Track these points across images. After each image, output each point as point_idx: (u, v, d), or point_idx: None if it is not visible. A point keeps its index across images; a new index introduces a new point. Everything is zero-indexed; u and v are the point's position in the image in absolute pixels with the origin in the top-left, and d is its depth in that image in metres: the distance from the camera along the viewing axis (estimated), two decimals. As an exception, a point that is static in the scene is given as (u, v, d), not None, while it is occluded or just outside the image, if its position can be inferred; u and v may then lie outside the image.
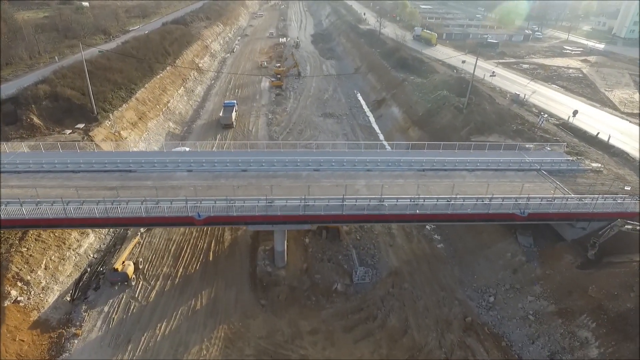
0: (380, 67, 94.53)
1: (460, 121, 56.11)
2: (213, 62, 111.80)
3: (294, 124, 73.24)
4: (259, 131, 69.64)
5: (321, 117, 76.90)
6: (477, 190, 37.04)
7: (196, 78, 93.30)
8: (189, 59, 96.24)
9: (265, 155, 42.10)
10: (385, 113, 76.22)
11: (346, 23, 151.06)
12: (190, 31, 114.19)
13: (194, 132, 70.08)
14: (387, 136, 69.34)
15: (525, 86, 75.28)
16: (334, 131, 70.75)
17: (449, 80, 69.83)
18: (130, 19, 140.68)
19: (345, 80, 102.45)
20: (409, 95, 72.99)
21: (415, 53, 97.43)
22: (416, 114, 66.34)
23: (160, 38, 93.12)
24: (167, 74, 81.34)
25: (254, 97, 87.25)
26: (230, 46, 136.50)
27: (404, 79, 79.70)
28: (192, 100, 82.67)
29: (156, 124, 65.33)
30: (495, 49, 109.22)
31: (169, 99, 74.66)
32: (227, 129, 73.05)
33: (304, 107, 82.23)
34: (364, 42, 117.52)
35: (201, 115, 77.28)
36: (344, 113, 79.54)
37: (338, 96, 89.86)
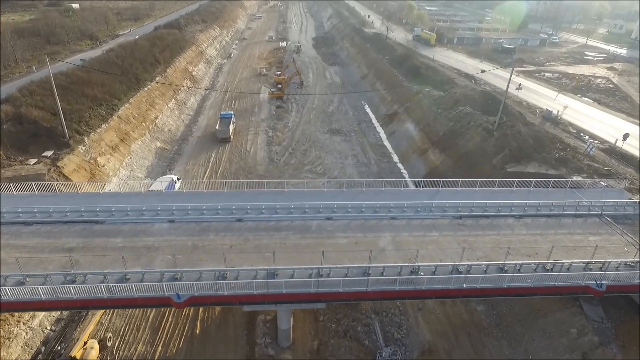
0: (390, 75, 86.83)
1: (491, 146, 48.38)
2: (208, 69, 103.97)
3: (297, 142, 65.47)
4: (257, 152, 61.81)
5: (327, 134, 69.15)
6: (531, 247, 29.60)
7: (189, 88, 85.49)
8: (181, 67, 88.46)
9: (265, 199, 34.30)
10: (399, 130, 68.48)
11: (350, 26, 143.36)
12: (184, 36, 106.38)
13: (185, 152, 62.27)
14: (403, 157, 61.61)
15: (554, 99, 67.64)
16: (342, 151, 62.98)
17: (472, 94, 62.12)
18: (121, 22, 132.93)
19: (352, 89, 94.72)
20: (425, 111, 65.27)
21: (427, 60, 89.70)
22: (436, 133, 58.62)
23: (150, 45, 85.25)
24: (157, 85, 73.53)
25: (253, 110, 79.48)
26: (227, 51, 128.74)
27: (419, 91, 71.97)
28: (184, 115, 74.85)
29: (141, 146, 57.50)
30: (512, 55, 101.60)
31: (157, 114, 66.85)
32: (224, 143, 65.72)
33: (307, 121, 74.49)
34: (370, 47, 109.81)
35: (194, 132, 69.48)
36: (352, 129, 71.80)
37: (344, 108, 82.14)
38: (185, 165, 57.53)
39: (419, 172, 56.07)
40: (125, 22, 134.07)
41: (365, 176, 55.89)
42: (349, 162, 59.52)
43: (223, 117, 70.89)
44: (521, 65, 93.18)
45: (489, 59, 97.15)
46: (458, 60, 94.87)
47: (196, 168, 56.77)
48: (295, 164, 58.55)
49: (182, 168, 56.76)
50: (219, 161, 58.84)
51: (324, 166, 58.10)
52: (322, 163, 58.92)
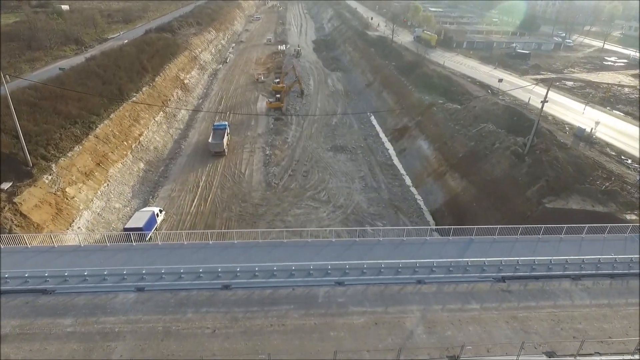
0: (398, 84, 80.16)
1: (523, 173, 41.69)
2: (202, 76, 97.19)
3: (298, 162, 58.75)
4: (253, 174, 55.06)
5: (330, 152, 62.43)
6: (601, 327, 23.06)
7: (180, 98, 78.78)
8: (172, 75, 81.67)
9: (260, 255, 27.59)
10: (410, 147, 61.80)
11: (352, 28, 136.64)
12: (176, 40, 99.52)
13: (172, 173, 55.52)
14: (416, 180, 54.93)
15: (582, 113, 61.09)
16: (347, 173, 56.27)
17: (494, 109, 55.46)
18: (111, 24, 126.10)
19: (356, 99, 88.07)
20: (440, 127, 58.60)
21: (438, 67, 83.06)
22: (454, 154, 51.95)
23: (137, 51, 78.43)
24: (143, 96, 66.73)
25: (249, 123, 72.76)
26: (223, 55, 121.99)
27: (432, 103, 65.30)
28: (173, 129, 68.09)
29: (121, 169, 50.75)
30: (527, 61, 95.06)
31: (142, 130, 60.10)
32: (218, 157, 59.82)
33: (308, 136, 67.78)
34: (375, 52, 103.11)
35: (183, 149, 62.73)
36: (358, 145, 65.09)
37: (349, 120, 75.46)
38: (171, 192, 50.77)
39: (436, 199, 49.39)
40: (116, 24, 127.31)
41: (376, 204, 49.24)
42: (356, 187, 52.81)
43: (216, 128, 64.65)
44: (538, 73, 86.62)
45: (502, 65, 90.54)
46: (470, 67, 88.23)
47: (183, 195, 50.03)
48: (295, 189, 51.84)
49: (167, 195, 50.01)
50: (209, 186, 52.08)
51: (328, 191, 51.40)
52: (326, 187, 52.21)
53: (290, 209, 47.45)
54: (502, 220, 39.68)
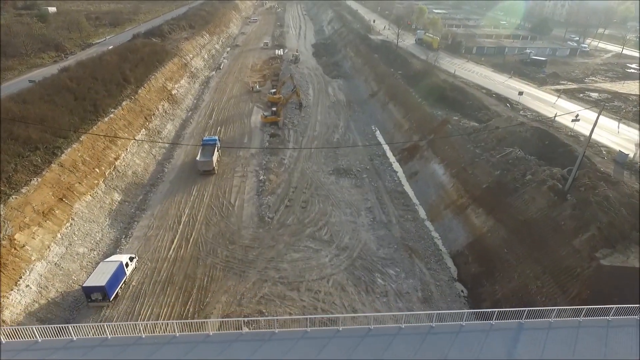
0: (405, 95, 73.04)
1: (566, 217, 34.62)
2: (192, 85, 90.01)
3: (295, 189, 51.62)
4: (244, 206, 47.90)
5: (332, 175, 55.32)
6: None
7: (166, 111, 71.60)
8: (158, 86, 74.46)
9: (243, 353, 20.52)
10: (423, 171, 54.71)
11: (353, 32, 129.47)
12: (165, 46, 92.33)
13: (152, 204, 48.35)
14: (432, 213, 47.85)
15: (617, 133, 54.07)
16: (353, 203, 49.15)
17: (520, 131, 48.34)
18: (98, 28, 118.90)
19: (359, 110, 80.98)
20: (457, 149, 51.51)
21: (448, 76, 76.06)
22: (476, 184, 44.86)
23: (120, 59, 71.26)
24: (123, 112, 59.60)
25: (241, 140, 65.62)
26: (216, 61, 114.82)
27: (445, 120, 58.20)
28: (157, 149, 60.92)
29: (90, 203, 43.60)
30: (543, 69, 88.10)
31: (119, 153, 52.95)
32: (207, 175, 54.00)
33: (307, 156, 60.67)
34: (379, 58, 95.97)
35: (166, 173, 55.55)
36: (363, 167, 57.97)
37: (353, 136, 68.34)
38: (148, 229, 43.59)
39: (456, 238, 42.32)
40: (103, 28, 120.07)
41: (386, 244, 42.14)
42: (363, 221, 45.69)
43: (206, 143, 58.26)
44: (557, 82, 79.63)
45: (518, 73, 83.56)
46: (483, 76, 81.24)
47: (161, 234, 42.87)
48: (292, 224, 44.70)
49: (142, 234, 42.83)
50: (193, 221, 44.90)
51: (331, 228, 44.27)
52: (328, 222, 45.09)
53: (287, 252, 40.33)
54: (543, 275, 32.71)
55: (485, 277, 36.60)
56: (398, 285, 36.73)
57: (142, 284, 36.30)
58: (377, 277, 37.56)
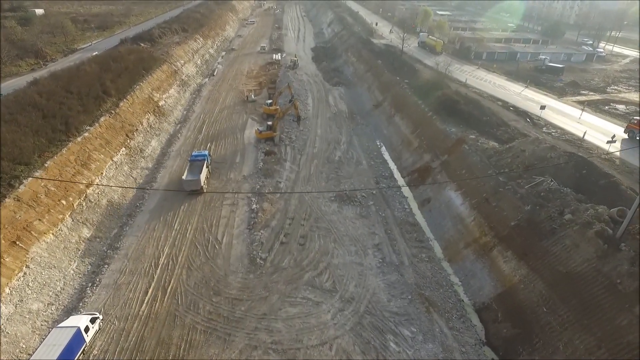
0: (413, 108, 66.74)
1: (622, 274, 28.29)
2: (183, 94, 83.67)
3: (293, 220, 45.32)
4: (233, 244, 41.55)
5: (335, 203, 48.99)
6: None
7: (152, 126, 65.25)
8: (143, 97, 68.12)
9: None
10: (436, 198, 48.41)
11: (355, 35, 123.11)
12: (153, 52, 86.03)
13: (126, 242, 41.97)
14: (450, 252, 41.55)
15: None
16: (358, 238, 42.85)
17: (552, 157, 41.99)
18: (85, 32, 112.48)
19: (363, 123, 74.70)
20: (477, 174, 45.20)
21: (459, 86, 69.86)
22: (502, 220, 38.57)
23: (100, 69, 64.96)
24: (100, 129, 53.31)
25: (233, 159, 59.26)
26: (210, 67, 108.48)
27: (461, 139, 51.88)
28: (138, 170, 54.59)
29: (52, 244, 37.26)
30: (560, 77, 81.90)
31: (92, 178, 46.61)
32: (195, 194, 48.87)
33: (306, 178, 54.39)
34: (383, 64, 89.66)
35: (146, 200, 49.19)
36: (369, 192, 51.66)
37: (356, 154, 62.02)
38: (119, 275, 37.27)
39: (481, 287, 36.04)
40: (91, 32, 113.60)
41: (399, 293, 35.87)
42: (371, 262, 39.40)
43: (194, 160, 52.81)
44: (578, 92, 73.44)
45: (534, 82, 77.34)
46: (497, 86, 75.07)
47: (134, 280, 36.55)
48: (288, 267, 38.40)
49: (112, 281, 36.52)
50: (172, 264, 38.58)
51: (333, 271, 37.98)
52: (330, 265, 38.78)
53: (282, 306, 34.02)
54: (598, 350, 26.41)
55: (521, 342, 30.33)
56: (415, 352, 30.47)
57: (105, 352, 29.97)
58: (389, 340, 31.26)
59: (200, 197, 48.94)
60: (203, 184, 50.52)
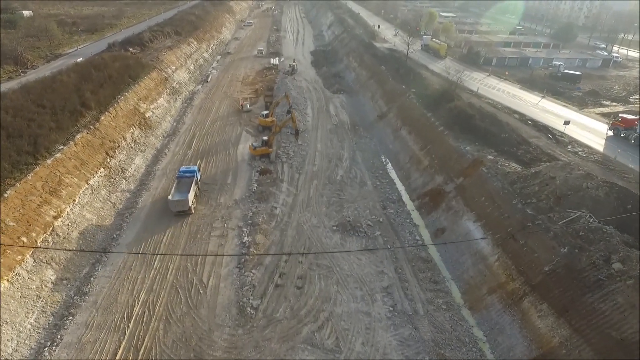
0: (422, 121, 61.22)
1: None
2: (173, 103, 78.07)
3: (289, 257, 39.74)
4: (219, 287, 36.01)
5: (337, 233, 43.46)
6: None
7: (136, 141, 59.68)
8: (128, 108, 62.55)
9: None
10: (452, 229, 42.86)
11: (356, 38, 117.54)
12: (141, 58, 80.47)
13: (97, 285, 36.42)
14: (470, 296, 36.00)
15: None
16: (364, 279, 37.31)
17: (588, 187, 36.40)
18: (72, 35, 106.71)
19: (366, 136, 69.17)
20: (500, 204, 39.68)
21: (470, 96, 64.40)
22: (533, 264, 33.05)
23: (80, 79, 59.41)
24: (76, 148, 47.79)
25: (224, 179, 53.69)
26: (204, 72, 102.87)
27: (479, 160, 46.30)
28: (118, 193, 48.99)
29: (5, 294, 31.66)
30: (578, 85, 76.44)
31: (62, 207, 41.04)
32: (182, 215, 44.30)
33: (305, 203, 48.85)
34: (387, 71, 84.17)
35: (124, 231, 43.54)
36: (375, 219, 46.08)
37: (360, 173, 56.50)
38: (85, 330, 31.71)
39: (512, 347, 30.50)
40: (79, 35, 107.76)
41: (414, 353, 30.36)
42: (380, 311, 33.90)
43: (182, 176, 48.10)
44: (599, 103, 67.97)
45: (550, 90, 71.86)
46: (512, 95, 69.61)
47: (103, 338, 30.99)
48: (284, 319, 32.86)
49: (75, 339, 30.95)
50: (149, 315, 33.01)
51: (336, 324, 32.48)
52: (333, 315, 33.27)
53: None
54: None
55: None
56: None
57: None
58: (405, 420, 25.76)
59: (186, 228, 43.37)
60: (191, 205, 45.62)
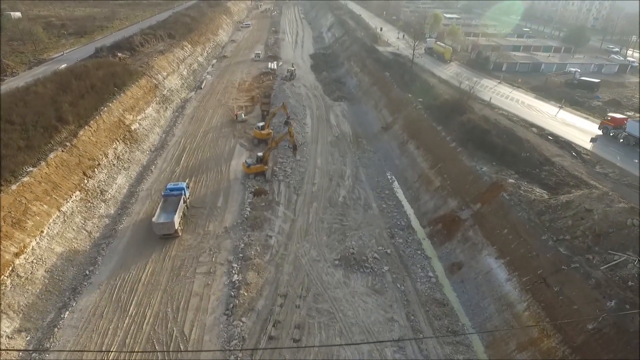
0: (432, 135, 56.19)
1: None
2: (163, 113, 72.99)
3: (285, 299, 34.70)
4: (204, 340, 30.93)
5: (339, 269, 38.41)
6: None
7: (119, 157, 54.62)
8: (112, 121, 57.51)
9: None
10: (470, 265, 37.77)
11: (358, 42, 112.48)
12: (129, 65, 75.45)
13: (63, 333, 31.40)
14: (497, 353, 30.91)
15: None
16: (372, 328, 32.25)
17: (632, 223, 31.34)
18: (60, 38, 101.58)
19: (370, 149, 64.10)
20: (526, 239, 34.60)
21: (483, 107, 59.36)
22: (572, 318, 27.91)
23: (57, 89, 54.40)
24: (48, 169, 42.71)
25: (214, 202, 48.59)
26: (198, 77, 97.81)
27: (498, 184, 41.22)
28: (95, 220, 43.89)
29: (-54, 355, 26.62)
30: (596, 93, 71.38)
31: (25, 242, 35.95)
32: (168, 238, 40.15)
33: (303, 230, 43.78)
34: (391, 77, 79.16)
35: (99, 267, 38.44)
36: (382, 251, 41.02)
37: (364, 192, 51.48)
38: (40, 401, 26.63)
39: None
40: (68, 38, 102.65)
41: None
42: None
43: (168, 194, 43.85)
44: (622, 114, 62.65)
45: (568, 100, 66.79)
46: (526, 105, 64.62)
47: (60, 412, 25.91)
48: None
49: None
50: None
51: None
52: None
53: None
54: None
55: None
56: None
57: None
58: None
59: (168, 263, 38.31)
60: (178, 227, 41.03)
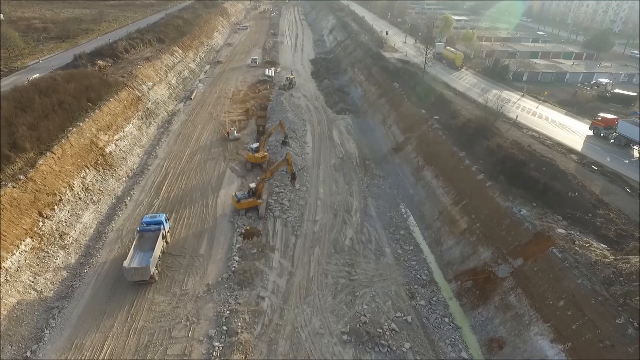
0: (454, 163, 48.20)
1: None
2: (146, 130, 64.97)
3: (280, 396, 26.73)
4: None
5: (349, 347, 30.43)
6: None
7: (88, 188, 46.57)
8: (82, 143, 49.54)
9: None
10: (517, 345, 29.75)
11: (362, 47, 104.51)
12: (108, 75, 67.53)
13: None
14: None
15: None
16: None
17: None
18: (38, 44, 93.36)
19: (380, 175, 56.14)
20: (592, 318, 26.67)
21: (507, 124, 51.47)
22: None
23: (14, 110, 46.40)
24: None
25: (196, 248, 40.51)
26: (188, 86, 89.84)
27: (546, 236, 33.23)
28: (48, 275, 35.84)
29: None
30: (634, 109, 63.43)
31: (-53, 317, 27.93)
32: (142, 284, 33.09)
33: (303, 288, 35.82)
34: (401, 89, 71.23)
35: (45, 341, 30.47)
36: (400, 319, 33.04)
37: (375, 232, 43.50)
38: None
39: None
40: (47, 43, 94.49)
41: None
42: None
43: (145, 229, 37.03)
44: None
45: (603, 118, 58.73)
46: (557, 125, 56.71)
47: None
48: None
49: None
50: None
51: None
52: None
53: None
54: None
55: None
56: None
57: None
58: None
59: (133, 338, 30.33)
60: (154, 271, 33.58)
